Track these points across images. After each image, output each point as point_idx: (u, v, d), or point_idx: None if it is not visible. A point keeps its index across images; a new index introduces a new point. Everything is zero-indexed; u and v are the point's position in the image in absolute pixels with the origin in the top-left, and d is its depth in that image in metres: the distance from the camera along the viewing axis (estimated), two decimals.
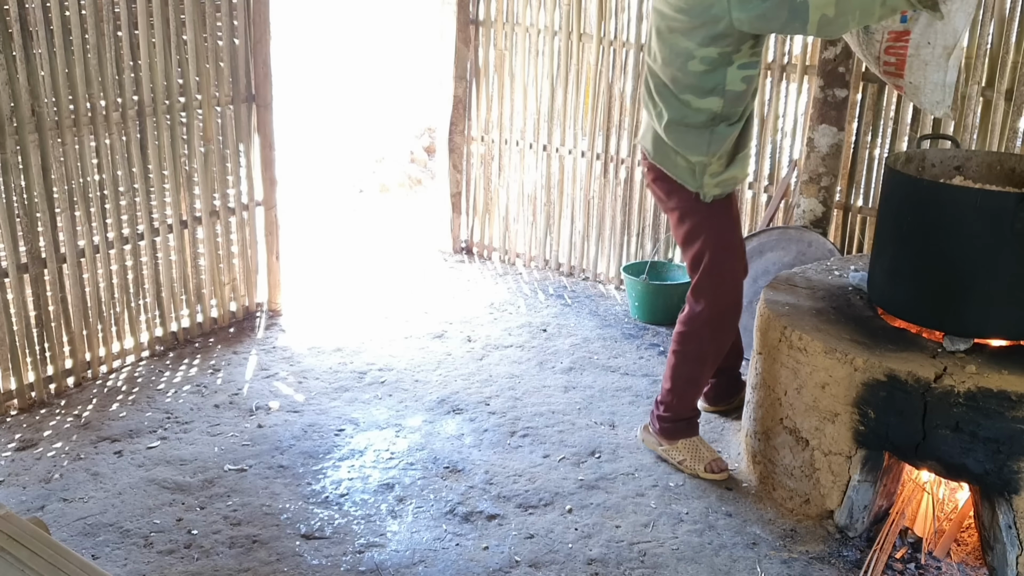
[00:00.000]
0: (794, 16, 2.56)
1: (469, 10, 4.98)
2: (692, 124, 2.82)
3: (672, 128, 2.84)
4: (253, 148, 4.13)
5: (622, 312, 4.57)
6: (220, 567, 2.57)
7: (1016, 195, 2.42)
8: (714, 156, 2.84)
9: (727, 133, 2.84)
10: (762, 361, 2.94)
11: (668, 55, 2.78)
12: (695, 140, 2.83)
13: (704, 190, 2.89)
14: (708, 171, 2.86)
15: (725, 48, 2.71)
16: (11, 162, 3.18)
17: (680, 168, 2.89)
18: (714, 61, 2.72)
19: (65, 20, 3.25)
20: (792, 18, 2.56)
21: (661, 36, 2.80)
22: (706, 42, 2.69)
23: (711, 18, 2.65)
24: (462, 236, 5.41)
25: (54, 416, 3.35)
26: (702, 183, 2.88)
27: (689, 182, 2.89)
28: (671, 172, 2.91)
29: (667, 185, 2.96)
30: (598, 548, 2.71)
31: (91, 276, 3.54)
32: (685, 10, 2.69)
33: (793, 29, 2.61)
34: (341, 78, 8.88)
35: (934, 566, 2.61)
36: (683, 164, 2.87)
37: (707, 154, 2.83)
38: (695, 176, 2.88)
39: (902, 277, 2.71)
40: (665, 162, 2.91)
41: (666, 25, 2.77)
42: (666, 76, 2.82)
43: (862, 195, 4.18)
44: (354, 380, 3.76)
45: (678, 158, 2.87)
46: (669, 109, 2.84)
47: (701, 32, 2.68)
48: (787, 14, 2.56)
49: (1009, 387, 2.40)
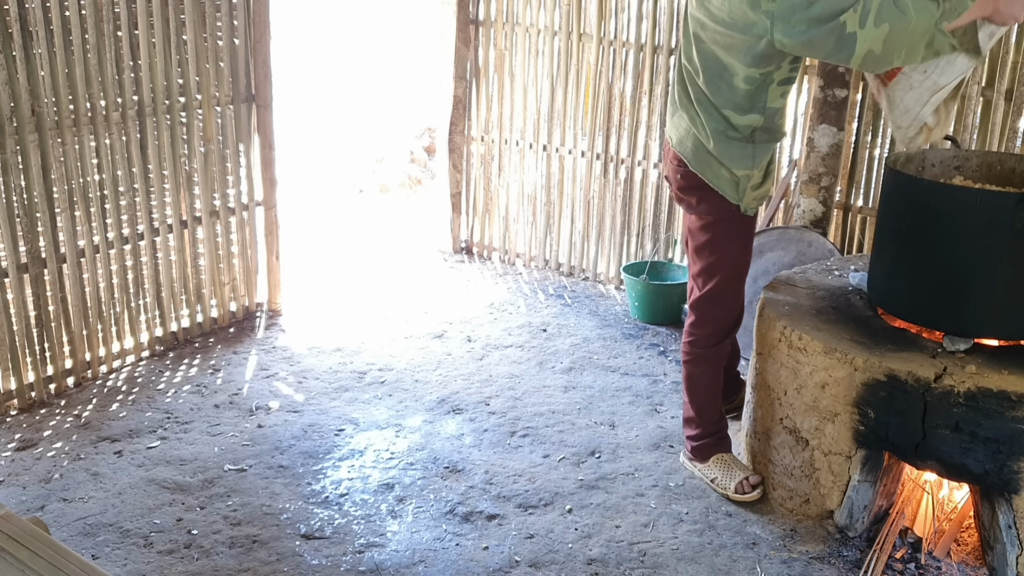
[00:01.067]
0: (840, 47, 2.44)
1: (469, 10, 4.98)
2: (734, 137, 2.73)
3: (717, 139, 2.75)
4: (253, 148, 4.13)
5: (622, 312, 4.57)
6: (220, 567, 2.57)
7: (1016, 195, 2.42)
8: (757, 168, 2.78)
9: (769, 147, 2.78)
10: (762, 361, 2.94)
11: (709, 68, 2.67)
12: (740, 153, 2.74)
13: (744, 203, 2.82)
14: (751, 184, 2.80)
15: (767, 68, 2.60)
16: (11, 162, 3.18)
17: (723, 179, 2.79)
18: (756, 81, 2.63)
19: (65, 20, 3.25)
20: (838, 48, 2.44)
21: (701, 46, 2.68)
22: (749, 61, 2.58)
23: (753, 36, 2.53)
24: (462, 236, 5.41)
25: (54, 416, 3.35)
26: (743, 196, 2.81)
27: (731, 194, 2.80)
28: (712, 182, 2.80)
29: (703, 193, 2.84)
30: (598, 548, 2.71)
31: (91, 276, 3.54)
32: (727, 23, 2.56)
33: (836, 59, 2.50)
34: (341, 78, 8.88)
35: (934, 566, 2.61)
36: (726, 176, 2.78)
37: (752, 168, 2.77)
38: (737, 189, 2.80)
39: (902, 277, 2.71)
40: (707, 172, 2.80)
41: (707, 35, 2.65)
42: (707, 89, 2.71)
43: (862, 195, 4.18)
44: (354, 380, 3.76)
45: (722, 170, 2.78)
46: (710, 121, 2.74)
47: (743, 49, 2.57)
48: (833, 44, 2.45)
49: (1009, 387, 2.40)
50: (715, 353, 3.01)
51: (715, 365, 3.04)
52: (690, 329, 3.02)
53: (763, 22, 2.49)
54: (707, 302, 2.94)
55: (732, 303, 2.97)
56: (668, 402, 3.64)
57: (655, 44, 4.51)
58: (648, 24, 4.50)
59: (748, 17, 2.51)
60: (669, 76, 4.51)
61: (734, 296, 2.96)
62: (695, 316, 2.99)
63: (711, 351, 3.00)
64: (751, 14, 2.50)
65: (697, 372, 3.03)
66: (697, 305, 2.97)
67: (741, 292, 2.99)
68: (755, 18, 2.49)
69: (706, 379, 3.04)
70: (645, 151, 4.69)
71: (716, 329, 2.97)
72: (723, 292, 2.92)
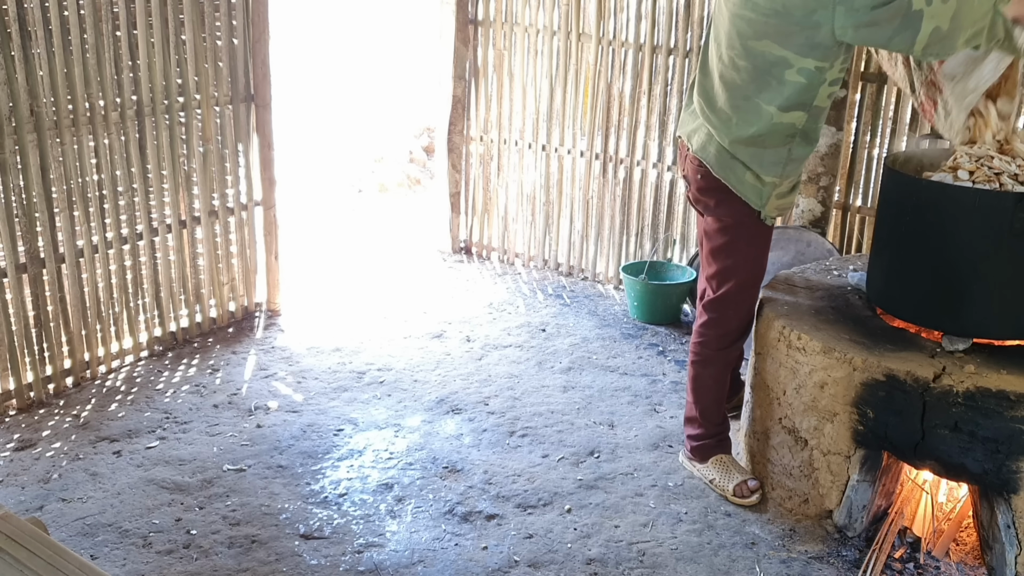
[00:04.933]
0: (906, 25, 2.36)
1: (468, 10, 4.98)
2: (770, 142, 2.68)
3: (747, 144, 2.69)
4: (252, 148, 4.13)
5: (621, 312, 4.57)
6: (219, 567, 2.57)
7: (1015, 195, 2.42)
8: (786, 178, 2.75)
9: (804, 153, 2.74)
10: (761, 361, 2.94)
11: (757, 66, 2.59)
12: (772, 159, 2.70)
13: (766, 211, 2.78)
14: (776, 192, 2.76)
15: (822, 62, 2.53)
16: (10, 162, 3.17)
17: (746, 184, 2.75)
18: (811, 75, 2.56)
19: (64, 20, 3.25)
20: (904, 27, 2.37)
21: (745, 44, 2.59)
22: (804, 51, 2.51)
23: (811, 23, 2.46)
24: (461, 236, 5.41)
25: (53, 416, 3.35)
26: (766, 203, 2.77)
27: (753, 199, 2.76)
28: (734, 186, 2.76)
29: (723, 196, 2.79)
30: (597, 548, 2.71)
31: (90, 276, 3.53)
32: (781, 14, 2.48)
33: (900, 42, 2.42)
34: (340, 78, 8.88)
35: (933, 566, 2.61)
36: (751, 181, 2.74)
37: (781, 175, 2.73)
38: (761, 195, 2.76)
39: (901, 277, 2.71)
40: (730, 177, 2.75)
41: (753, 31, 2.55)
42: (752, 88, 2.63)
43: (861, 195, 4.18)
44: (353, 380, 3.76)
45: (747, 174, 2.73)
46: (748, 125, 2.66)
47: (799, 39, 2.50)
48: (899, 23, 2.36)
49: (1008, 387, 2.40)
50: (724, 356, 3.00)
51: (723, 368, 3.03)
52: (701, 330, 3.00)
53: (825, 9, 2.43)
54: (721, 305, 2.92)
55: (746, 308, 2.95)
56: (667, 402, 3.64)
57: (654, 44, 4.51)
58: (647, 24, 4.50)
59: (808, 4, 2.45)
60: (668, 76, 4.52)
61: (748, 301, 2.94)
62: (707, 317, 2.97)
63: (721, 354, 2.99)
64: (810, 3, 2.44)
65: (705, 373, 3.02)
66: (710, 307, 2.95)
67: (755, 297, 2.97)
68: (815, 5, 2.44)
69: (712, 381, 3.03)
70: (644, 151, 4.69)
71: (728, 332, 2.96)
72: (738, 296, 2.90)
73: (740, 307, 2.93)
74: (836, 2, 2.41)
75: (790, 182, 2.80)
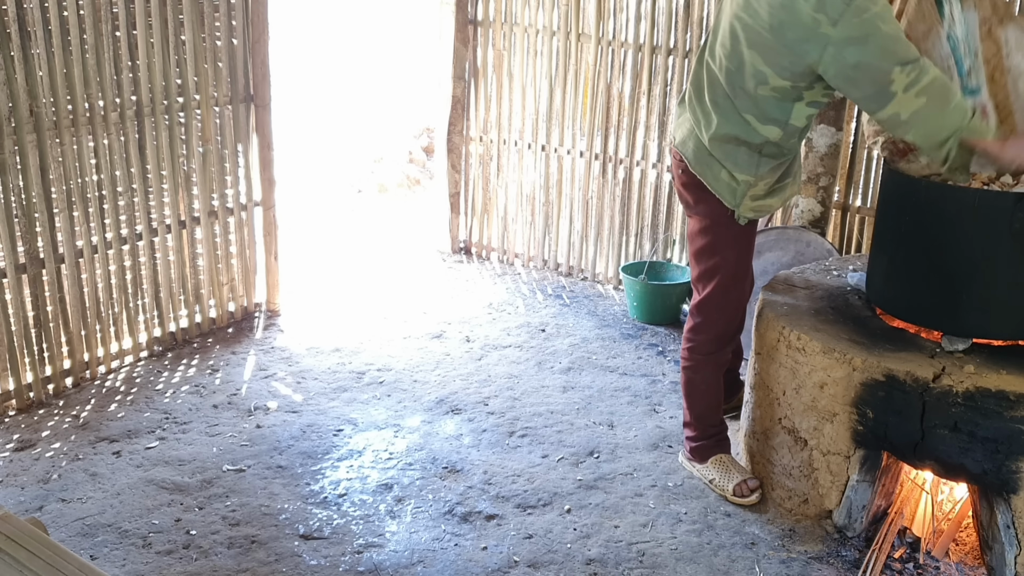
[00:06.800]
0: (877, 97, 2.41)
1: (467, 10, 4.98)
2: (745, 142, 2.68)
3: (723, 141, 2.69)
4: (251, 148, 4.13)
5: (620, 312, 4.57)
6: (219, 567, 2.57)
7: (1015, 195, 2.42)
8: (761, 179, 2.73)
9: (774, 162, 2.74)
10: (760, 361, 2.94)
11: (738, 69, 2.60)
12: (746, 159, 2.70)
13: (740, 211, 2.77)
14: (750, 192, 2.75)
15: (799, 83, 2.54)
16: (9, 162, 3.17)
17: (721, 183, 2.75)
18: (786, 93, 2.57)
19: (63, 20, 3.25)
20: (875, 97, 2.42)
21: (735, 47, 2.59)
22: (783, 73, 2.52)
23: (800, 50, 2.46)
24: (460, 236, 5.41)
25: (52, 416, 3.35)
26: (740, 203, 2.76)
27: (727, 198, 2.76)
28: (710, 184, 2.76)
29: (701, 194, 2.81)
30: (597, 548, 2.71)
31: (89, 276, 3.53)
32: (775, 29, 2.47)
33: (866, 106, 2.48)
34: (340, 78, 8.89)
35: (932, 566, 2.61)
36: (725, 179, 2.74)
37: (755, 175, 2.71)
38: (735, 194, 2.75)
39: (900, 277, 2.71)
40: (706, 173, 2.75)
41: (746, 37, 2.55)
42: (730, 90, 2.65)
43: (860, 195, 4.18)
44: (353, 380, 3.76)
45: (722, 172, 2.73)
46: (726, 123, 2.68)
47: (783, 60, 2.50)
48: (873, 91, 2.41)
49: (1007, 387, 2.40)
50: (715, 360, 2.99)
51: (715, 372, 3.02)
52: (689, 334, 2.99)
53: (816, 49, 2.43)
54: (707, 306, 2.92)
55: (733, 309, 2.94)
56: (667, 402, 3.64)
57: (653, 44, 4.51)
58: (647, 24, 4.50)
59: (802, 33, 2.44)
60: (668, 76, 4.52)
61: (732, 303, 2.93)
62: (695, 321, 2.97)
63: (711, 358, 2.98)
64: (805, 33, 2.43)
65: (697, 379, 3.01)
66: (696, 311, 2.96)
67: (739, 300, 2.95)
68: (809, 35, 2.43)
69: (706, 386, 3.02)
70: (644, 151, 4.69)
71: (716, 335, 2.95)
72: (721, 299, 2.89)
73: (724, 309, 2.92)
74: (829, 43, 2.41)
75: (766, 184, 2.75)
